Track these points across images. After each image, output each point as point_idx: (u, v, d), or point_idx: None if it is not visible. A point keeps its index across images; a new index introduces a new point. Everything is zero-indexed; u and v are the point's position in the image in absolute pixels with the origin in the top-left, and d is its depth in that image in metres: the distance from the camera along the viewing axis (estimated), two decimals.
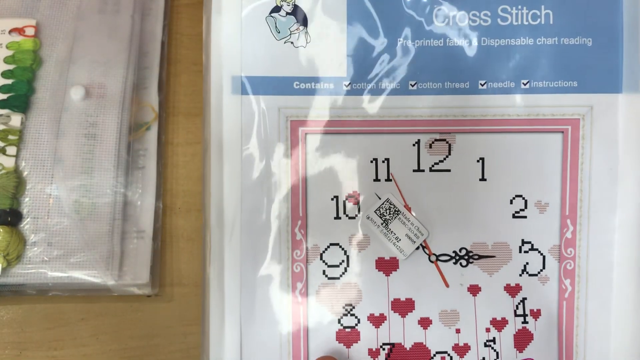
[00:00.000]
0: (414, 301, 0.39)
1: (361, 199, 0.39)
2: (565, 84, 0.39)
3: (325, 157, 0.39)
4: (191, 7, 0.47)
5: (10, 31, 0.43)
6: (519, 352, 0.39)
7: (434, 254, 0.39)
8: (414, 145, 0.39)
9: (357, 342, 0.39)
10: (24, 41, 0.43)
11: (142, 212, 0.43)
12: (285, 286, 0.39)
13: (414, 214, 0.39)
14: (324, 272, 0.39)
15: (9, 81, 0.42)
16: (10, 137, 0.41)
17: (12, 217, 0.40)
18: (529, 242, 0.40)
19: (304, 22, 0.38)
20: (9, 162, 0.41)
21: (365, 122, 0.39)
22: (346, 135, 0.39)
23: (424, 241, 0.39)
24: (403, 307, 0.39)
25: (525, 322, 0.39)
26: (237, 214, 0.38)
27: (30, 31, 0.43)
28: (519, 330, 0.39)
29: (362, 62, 0.39)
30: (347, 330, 0.39)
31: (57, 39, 0.44)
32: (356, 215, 0.39)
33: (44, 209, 0.41)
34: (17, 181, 0.41)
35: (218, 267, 0.39)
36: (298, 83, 0.38)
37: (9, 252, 0.40)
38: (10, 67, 0.43)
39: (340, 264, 0.39)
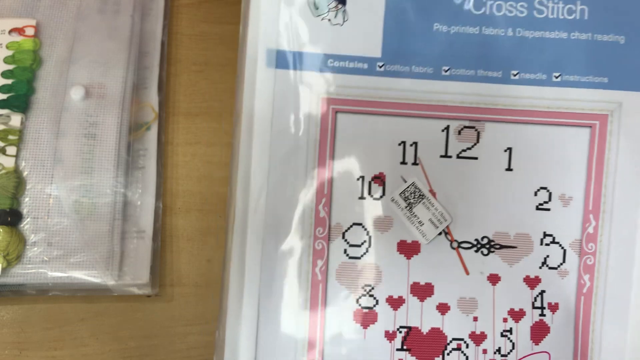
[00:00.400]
0: (433, 286, 0.39)
1: (387, 180, 0.39)
2: (596, 79, 0.39)
3: (354, 136, 0.39)
4: (191, 7, 0.47)
5: (10, 31, 0.43)
6: (535, 344, 0.39)
7: (456, 241, 0.39)
8: (442, 130, 0.39)
9: (374, 323, 0.39)
10: (24, 41, 0.43)
11: (142, 212, 0.43)
12: (305, 262, 0.38)
13: (438, 200, 0.39)
14: (345, 251, 0.39)
15: (9, 81, 0.42)
16: (10, 137, 0.41)
17: (12, 217, 0.40)
18: (551, 235, 0.39)
19: (343, 0, 0.39)
20: (9, 162, 0.41)
21: (396, 104, 0.39)
22: (376, 116, 0.39)
23: (447, 227, 0.39)
24: (422, 291, 0.39)
25: (542, 314, 0.39)
26: (264, 187, 0.38)
27: (30, 31, 0.43)
28: (536, 322, 0.39)
29: (397, 44, 0.39)
30: (365, 310, 0.39)
31: (57, 39, 0.44)
32: (381, 197, 0.39)
33: (44, 209, 0.41)
34: (17, 181, 0.41)
35: (241, 239, 0.38)
36: (332, 61, 0.39)
37: (9, 252, 0.40)
38: (10, 67, 0.43)
39: (362, 244, 0.39)
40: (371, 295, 0.39)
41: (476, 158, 0.40)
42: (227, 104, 0.45)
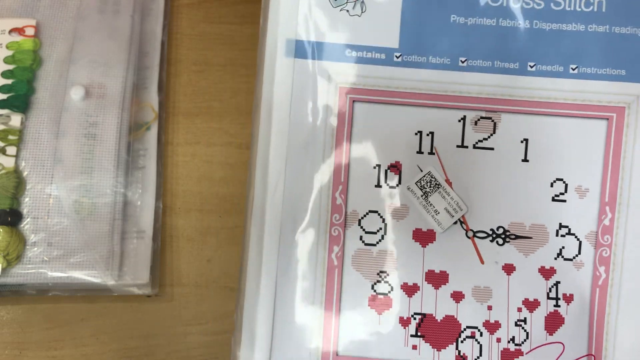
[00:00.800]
0: (448, 274, 0.39)
1: (403, 169, 0.39)
2: (613, 72, 0.39)
3: (371, 125, 0.39)
4: (191, 7, 0.47)
5: (10, 31, 0.43)
6: (549, 334, 0.39)
7: (471, 230, 0.39)
8: (459, 121, 0.40)
9: (388, 310, 0.39)
10: (24, 41, 0.43)
11: (142, 212, 0.43)
12: (322, 248, 0.39)
13: (454, 189, 0.39)
14: (361, 237, 0.39)
15: (9, 81, 0.42)
16: (10, 137, 0.41)
17: (12, 217, 0.40)
18: (567, 227, 0.39)
19: None
20: (9, 162, 0.41)
21: (413, 94, 0.39)
22: (393, 106, 0.39)
23: (463, 216, 0.39)
24: (437, 279, 0.39)
25: (557, 305, 0.39)
26: (282, 173, 0.39)
27: (30, 31, 0.43)
28: (550, 313, 0.39)
29: (414, 35, 0.39)
30: (380, 297, 0.39)
31: (57, 39, 0.44)
32: (397, 185, 0.39)
33: (44, 209, 0.41)
34: (17, 181, 0.41)
35: (259, 223, 0.39)
36: (350, 51, 0.39)
37: (9, 252, 0.40)
38: (10, 67, 0.43)
39: (378, 231, 0.39)
40: (386, 282, 0.39)
41: (492, 149, 0.40)
42: (227, 104, 0.45)
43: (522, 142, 0.40)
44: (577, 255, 0.39)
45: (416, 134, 0.40)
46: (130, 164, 0.43)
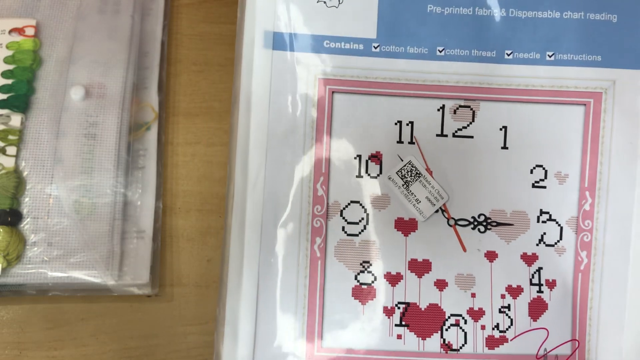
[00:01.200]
0: (430, 263, 0.39)
1: (384, 159, 0.40)
2: (590, 57, 0.40)
3: (351, 116, 0.39)
4: (191, 7, 0.47)
5: (10, 31, 0.43)
6: (533, 320, 0.39)
7: (452, 218, 0.40)
8: (438, 110, 0.40)
9: (372, 300, 0.39)
10: (24, 41, 0.43)
11: (142, 212, 0.43)
12: (304, 240, 0.39)
13: (435, 178, 0.40)
14: (343, 228, 0.39)
15: (9, 81, 0.42)
16: (10, 137, 0.41)
17: (12, 217, 0.40)
18: (547, 213, 0.40)
19: None
20: (9, 162, 0.41)
21: (391, 84, 0.40)
22: (372, 96, 0.40)
23: (444, 205, 0.40)
24: (420, 267, 0.39)
25: (540, 291, 0.39)
26: (262, 165, 0.39)
27: (30, 31, 0.43)
28: (533, 299, 0.39)
29: (392, 25, 0.40)
30: (364, 287, 0.39)
31: (57, 39, 0.44)
32: (378, 175, 0.40)
33: (44, 209, 0.41)
34: (17, 181, 0.41)
35: (240, 217, 0.39)
36: (328, 42, 0.39)
37: (9, 252, 0.40)
38: (10, 67, 0.43)
39: (360, 221, 0.39)
40: (369, 272, 0.39)
41: (472, 137, 0.40)
42: (227, 104, 0.45)
43: (501, 129, 0.40)
44: (558, 241, 0.40)
45: (396, 123, 0.40)
46: (130, 164, 0.43)
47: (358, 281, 0.39)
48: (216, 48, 0.46)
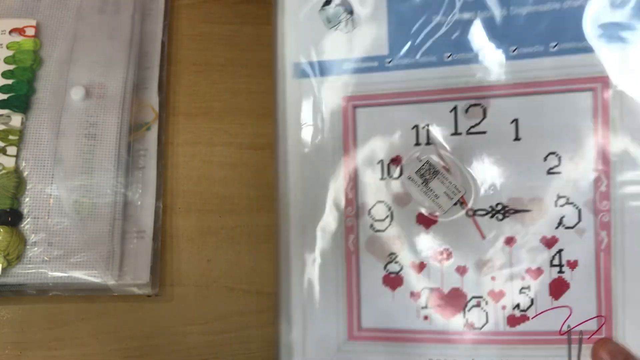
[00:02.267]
0: (451, 251, 0.42)
1: (404, 161, 0.43)
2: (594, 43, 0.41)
3: (372, 126, 0.43)
4: (191, 7, 0.47)
5: (11, 31, 0.43)
6: (555, 299, 0.40)
7: (471, 209, 0.42)
8: (450, 111, 0.42)
9: (400, 286, 0.42)
10: (24, 41, 0.43)
11: (142, 212, 0.43)
12: (339, 238, 0.43)
13: (452, 174, 0.42)
14: (371, 225, 0.43)
15: (9, 81, 0.42)
16: (11, 137, 0.41)
17: (12, 217, 0.40)
18: (565, 197, 0.41)
19: (350, 11, 0.44)
20: (9, 162, 0.41)
21: (406, 93, 0.43)
22: (390, 106, 0.43)
23: (461, 197, 0.42)
24: (441, 256, 0.42)
25: (561, 272, 0.40)
26: (300, 176, 0.43)
27: (30, 31, 0.44)
28: (554, 279, 0.40)
29: (401, 40, 0.43)
30: (392, 275, 0.42)
31: (57, 39, 0.44)
32: (399, 176, 0.43)
33: (44, 209, 0.41)
34: (17, 181, 0.41)
35: (285, 220, 0.43)
36: (347, 64, 0.43)
37: (9, 252, 0.40)
38: (11, 67, 0.43)
39: (385, 218, 0.43)
40: (396, 262, 0.42)
41: (485, 132, 0.42)
42: (227, 104, 0.45)
43: (512, 122, 0.41)
44: (578, 223, 0.41)
45: (412, 128, 0.42)
46: (130, 164, 0.43)
47: (387, 271, 0.42)
48: (216, 48, 0.46)
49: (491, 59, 0.42)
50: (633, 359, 0.39)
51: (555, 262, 0.41)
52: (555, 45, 0.41)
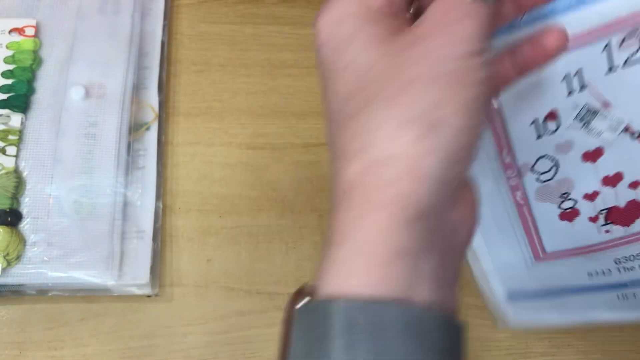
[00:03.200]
0: (622, 173, 0.42)
1: (560, 113, 0.42)
2: None
3: (518, 91, 0.42)
4: (191, 7, 0.47)
5: (10, 31, 0.43)
6: None
7: (637, 131, 0.41)
8: (602, 51, 0.41)
9: (578, 216, 0.43)
10: (24, 41, 0.43)
11: (142, 212, 0.43)
12: (506, 199, 0.44)
13: (613, 107, 0.41)
14: (537, 179, 0.43)
15: (9, 81, 0.42)
16: (10, 137, 0.41)
17: (12, 217, 0.40)
18: None
19: None
20: (9, 162, 0.41)
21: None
22: None
23: (626, 125, 0.41)
24: (613, 180, 0.42)
25: None
26: None
27: (30, 31, 0.44)
28: None
29: None
30: (567, 210, 0.43)
31: (57, 39, 0.44)
32: (556, 129, 0.42)
33: (44, 209, 0.41)
34: (17, 181, 0.41)
35: None
36: None
37: (9, 252, 0.40)
38: (10, 67, 0.43)
39: (551, 169, 0.43)
40: (570, 199, 0.43)
41: None
42: (227, 104, 0.45)
43: None
44: None
45: (562, 79, 0.41)
46: (130, 164, 0.43)
47: (562, 209, 0.43)
48: (216, 48, 0.46)
49: None
50: None
51: None
52: None
